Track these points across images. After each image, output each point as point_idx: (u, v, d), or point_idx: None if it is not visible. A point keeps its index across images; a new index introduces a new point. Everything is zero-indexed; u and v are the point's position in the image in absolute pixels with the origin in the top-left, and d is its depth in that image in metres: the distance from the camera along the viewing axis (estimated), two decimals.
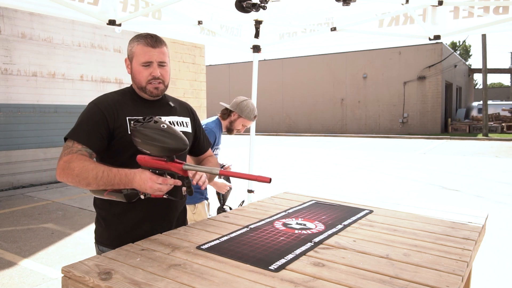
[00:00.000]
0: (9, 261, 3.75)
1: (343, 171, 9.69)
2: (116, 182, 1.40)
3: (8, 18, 7.13)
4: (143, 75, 1.58)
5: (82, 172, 1.39)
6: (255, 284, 1.11)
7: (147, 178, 1.38)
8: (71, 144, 1.48)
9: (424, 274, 1.19)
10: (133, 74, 1.62)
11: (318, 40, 3.49)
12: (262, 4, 2.41)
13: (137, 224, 1.61)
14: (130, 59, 1.62)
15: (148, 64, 1.57)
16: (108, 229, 1.63)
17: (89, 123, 1.52)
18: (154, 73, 1.57)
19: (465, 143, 17.39)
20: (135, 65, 1.60)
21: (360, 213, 1.90)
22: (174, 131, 1.38)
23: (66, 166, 1.42)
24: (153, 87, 1.59)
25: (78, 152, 1.46)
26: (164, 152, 1.37)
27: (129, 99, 1.64)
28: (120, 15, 2.57)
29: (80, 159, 1.43)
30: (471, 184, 7.71)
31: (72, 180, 1.42)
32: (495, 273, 3.51)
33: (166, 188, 1.41)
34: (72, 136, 1.50)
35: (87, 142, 1.49)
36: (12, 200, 6.34)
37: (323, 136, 23.26)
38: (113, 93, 1.67)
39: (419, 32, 2.91)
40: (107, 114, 1.54)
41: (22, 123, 7.41)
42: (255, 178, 1.33)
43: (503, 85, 49.90)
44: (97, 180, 1.39)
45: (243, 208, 2.02)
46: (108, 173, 1.40)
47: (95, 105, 1.57)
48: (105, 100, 1.59)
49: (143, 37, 1.59)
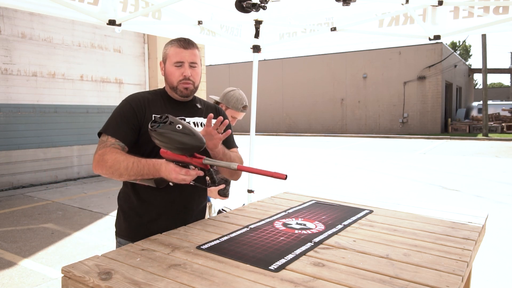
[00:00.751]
0: (9, 261, 3.75)
1: (343, 171, 9.69)
2: (146, 172, 1.50)
3: (8, 18, 7.13)
4: (175, 75, 1.68)
5: (114, 163, 1.50)
6: (255, 284, 1.11)
7: (171, 169, 1.46)
8: (105, 139, 1.60)
9: (424, 274, 1.19)
10: (166, 74, 1.72)
11: (318, 40, 3.48)
12: (262, 4, 2.41)
13: (154, 219, 1.70)
14: (164, 61, 1.73)
15: (179, 64, 1.67)
16: (126, 221, 1.75)
17: (122, 118, 1.63)
18: (185, 73, 1.67)
19: (465, 143, 17.39)
20: (168, 66, 1.70)
21: (360, 213, 1.90)
22: (190, 130, 1.43)
23: (101, 159, 1.53)
24: (183, 86, 1.69)
25: (111, 145, 1.57)
26: (183, 151, 1.44)
27: (159, 99, 1.74)
28: (120, 15, 2.56)
29: (112, 152, 1.53)
30: (471, 184, 7.71)
31: (106, 171, 1.53)
32: (495, 273, 3.51)
33: (189, 179, 1.48)
34: (106, 130, 1.62)
35: (120, 136, 1.60)
36: (12, 200, 6.34)
37: (323, 136, 23.26)
38: (145, 92, 1.78)
39: (419, 32, 2.91)
40: (137, 110, 1.65)
41: (22, 123, 7.41)
42: (271, 174, 1.38)
43: (503, 85, 49.91)
44: (128, 171, 1.49)
45: (243, 208, 2.02)
46: (138, 164, 1.50)
47: (127, 102, 1.69)
48: (136, 97, 1.71)
49: (177, 40, 1.71)
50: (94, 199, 6.40)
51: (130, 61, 9.27)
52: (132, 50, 9.31)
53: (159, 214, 1.71)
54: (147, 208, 1.71)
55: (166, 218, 1.71)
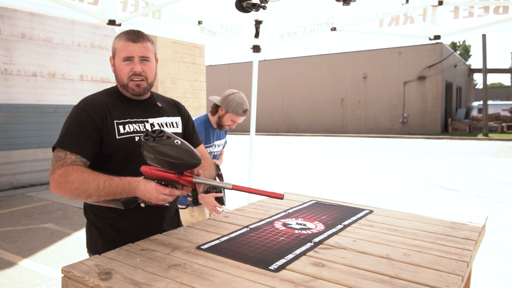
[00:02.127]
0: (9, 261, 3.75)
1: (343, 171, 9.69)
2: (119, 192, 1.36)
3: (8, 18, 7.13)
4: (124, 71, 1.53)
5: (82, 185, 1.34)
6: (255, 284, 1.11)
7: (152, 188, 1.34)
8: (63, 155, 1.40)
9: (424, 274, 1.19)
10: (115, 71, 1.57)
11: (318, 40, 3.48)
12: (262, 4, 2.41)
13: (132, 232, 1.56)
14: (113, 56, 1.58)
15: (129, 59, 1.52)
16: (102, 237, 1.58)
17: (79, 129, 1.44)
18: (135, 69, 1.51)
19: (465, 143, 17.39)
20: (117, 61, 1.55)
21: (360, 213, 1.90)
22: (188, 147, 1.33)
23: (63, 180, 1.35)
24: (134, 84, 1.53)
25: (72, 163, 1.39)
26: (177, 168, 1.33)
27: (115, 100, 1.57)
28: (120, 15, 2.56)
29: (77, 171, 1.36)
30: (471, 184, 7.71)
31: (70, 193, 1.36)
32: (495, 273, 3.51)
33: (171, 199, 1.37)
34: (63, 145, 1.41)
35: (80, 151, 1.41)
36: (12, 200, 6.34)
37: (323, 136, 23.26)
38: (98, 94, 1.59)
39: (419, 32, 2.91)
40: (96, 119, 1.47)
41: (22, 123, 7.41)
42: (269, 194, 1.32)
43: (503, 85, 49.89)
44: (98, 191, 1.34)
45: (243, 208, 2.02)
46: (110, 183, 1.35)
47: (82, 109, 1.49)
48: (92, 103, 1.51)
49: (125, 32, 1.54)
50: None
51: None
52: None
53: (138, 226, 1.58)
54: (125, 221, 1.56)
55: (145, 229, 1.58)
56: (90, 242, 1.65)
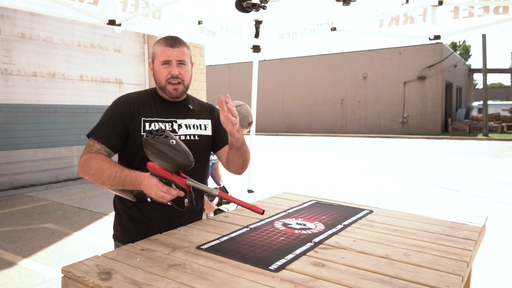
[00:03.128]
0: (9, 261, 3.75)
1: (343, 171, 9.69)
2: (127, 183, 1.48)
3: (8, 18, 7.13)
4: (162, 74, 1.65)
5: (97, 171, 1.49)
6: (255, 284, 1.11)
7: (153, 184, 1.43)
8: (92, 143, 1.58)
9: (424, 274, 1.19)
10: (154, 74, 1.69)
11: (318, 40, 3.49)
12: (262, 4, 2.41)
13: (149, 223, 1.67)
14: (152, 60, 1.70)
15: (167, 62, 1.64)
16: (121, 225, 1.73)
17: (109, 122, 1.61)
18: (173, 72, 1.63)
19: (465, 143, 17.39)
20: (156, 65, 1.67)
21: (360, 213, 1.90)
22: (182, 148, 1.42)
23: (85, 165, 1.53)
24: (172, 88, 1.65)
25: (97, 151, 1.56)
26: (170, 167, 1.42)
27: (148, 100, 1.70)
28: (120, 15, 2.56)
29: (97, 159, 1.52)
30: (471, 184, 7.71)
31: (89, 178, 1.52)
32: (495, 273, 3.51)
33: (169, 197, 1.44)
34: (93, 134, 1.60)
35: (106, 141, 1.58)
36: (12, 200, 6.34)
37: (323, 136, 23.26)
38: (136, 93, 1.74)
39: (419, 32, 2.91)
40: (125, 114, 1.62)
41: (22, 123, 7.40)
42: (249, 206, 1.42)
43: (503, 85, 49.91)
44: (110, 180, 1.48)
45: (243, 208, 2.01)
46: (121, 173, 1.48)
47: (116, 105, 1.66)
48: (126, 100, 1.67)
49: (164, 38, 1.67)
50: (94, 199, 6.40)
51: (130, 61, 9.27)
52: (132, 50, 9.31)
53: (155, 218, 1.68)
54: (143, 211, 1.68)
55: (161, 221, 1.68)
56: (114, 228, 1.78)
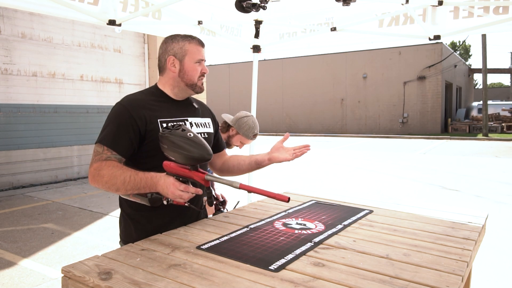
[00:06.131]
0: (9, 261, 3.75)
1: (343, 171, 9.70)
2: (142, 186, 1.44)
3: (8, 18, 7.13)
4: (197, 72, 1.67)
5: (111, 179, 1.44)
6: (255, 284, 1.11)
7: (170, 183, 1.40)
8: (101, 150, 1.51)
9: (424, 274, 1.19)
10: (184, 71, 1.66)
11: (318, 40, 3.49)
12: (262, 4, 2.41)
13: (166, 224, 1.63)
14: (180, 57, 1.66)
15: (200, 61, 1.68)
16: (136, 230, 1.64)
17: (119, 128, 1.54)
18: (205, 70, 1.69)
19: (465, 143, 17.39)
20: (188, 62, 1.66)
21: (360, 213, 1.90)
22: (199, 140, 1.41)
23: (96, 174, 1.47)
24: (201, 83, 1.70)
25: (107, 159, 1.50)
26: (188, 161, 1.40)
27: (156, 100, 1.66)
28: (120, 15, 2.57)
29: (109, 166, 1.46)
30: (471, 184, 7.71)
31: (102, 186, 1.47)
32: (495, 273, 3.51)
33: (187, 196, 1.42)
34: (102, 140, 1.52)
35: (117, 148, 1.52)
36: (12, 200, 6.34)
37: (323, 136, 23.26)
38: (140, 93, 1.69)
39: (419, 32, 2.91)
40: (137, 117, 1.55)
41: (22, 123, 7.41)
42: (274, 196, 1.37)
43: (503, 85, 49.92)
44: (125, 185, 1.43)
45: (243, 208, 2.02)
46: (135, 177, 1.44)
47: (125, 108, 1.57)
48: (134, 102, 1.60)
49: (191, 37, 1.70)
50: (94, 199, 6.40)
51: (130, 61, 9.27)
52: (132, 50, 9.31)
53: (173, 219, 1.65)
54: (160, 213, 1.61)
55: (179, 223, 1.65)
56: (125, 233, 1.71)
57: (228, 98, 28.29)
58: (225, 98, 28.39)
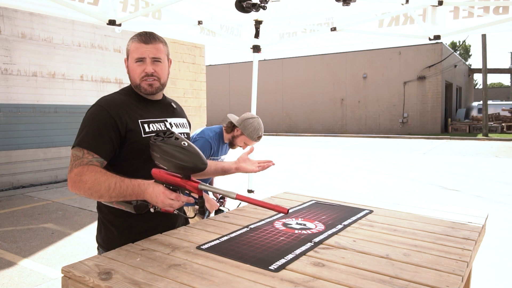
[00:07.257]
0: (9, 261, 3.75)
1: (343, 171, 9.69)
2: (129, 193, 1.37)
3: (8, 18, 7.13)
4: (136, 72, 1.56)
5: (94, 185, 1.35)
6: (255, 284, 1.11)
7: (160, 192, 1.34)
8: (81, 154, 1.41)
9: (424, 274, 1.19)
10: (128, 71, 1.60)
11: (318, 40, 3.49)
12: (262, 4, 2.41)
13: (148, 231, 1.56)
14: (127, 57, 1.61)
15: (141, 60, 1.55)
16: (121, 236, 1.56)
17: (99, 129, 1.45)
18: (147, 70, 1.54)
19: (465, 143, 17.39)
20: (130, 62, 1.58)
21: (360, 213, 1.90)
22: (194, 149, 1.36)
23: (78, 179, 1.37)
24: (147, 84, 1.56)
25: (89, 163, 1.40)
26: (182, 170, 1.35)
27: (134, 100, 1.60)
28: (120, 15, 2.57)
29: (91, 171, 1.37)
30: (471, 184, 7.71)
31: (84, 193, 1.38)
32: (495, 273, 3.51)
33: (177, 205, 1.37)
34: (81, 143, 1.43)
35: (98, 150, 1.43)
36: (12, 200, 6.34)
37: (323, 136, 23.26)
38: (117, 94, 1.61)
39: (419, 32, 2.91)
40: (116, 117, 1.48)
41: (22, 123, 7.41)
42: (273, 207, 1.36)
43: (503, 85, 49.92)
44: (109, 192, 1.35)
45: (243, 208, 2.02)
46: (121, 184, 1.36)
47: (103, 109, 1.49)
48: (114, 103, 1.53)
49: (138, 34, 1.58)
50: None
51: None
52: None
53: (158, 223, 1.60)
54: (143, 218, 1.54)
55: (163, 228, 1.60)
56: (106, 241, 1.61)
57: (228, 98, 28.30)
58: (225, 98, 28.40)
